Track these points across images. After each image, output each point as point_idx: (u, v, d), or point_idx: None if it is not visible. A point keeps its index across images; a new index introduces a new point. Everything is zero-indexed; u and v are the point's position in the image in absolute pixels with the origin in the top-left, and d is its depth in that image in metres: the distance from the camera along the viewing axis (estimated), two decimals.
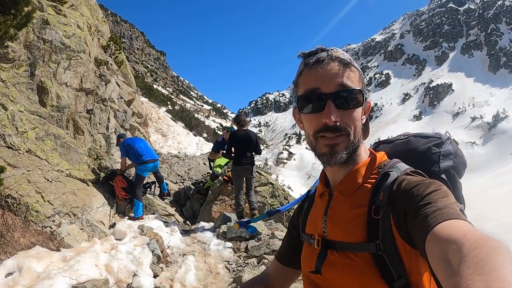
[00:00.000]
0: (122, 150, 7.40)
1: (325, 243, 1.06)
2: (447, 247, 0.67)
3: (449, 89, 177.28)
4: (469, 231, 0.68)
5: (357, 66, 1.04)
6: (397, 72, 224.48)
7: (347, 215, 1.02)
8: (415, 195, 0.87)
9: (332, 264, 1.02)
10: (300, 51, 1.07)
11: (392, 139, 1.32)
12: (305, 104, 1.02)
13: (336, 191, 1.08)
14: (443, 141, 1.20)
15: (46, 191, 4.93)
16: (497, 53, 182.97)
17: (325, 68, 0.98)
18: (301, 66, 1.06)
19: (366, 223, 0.97)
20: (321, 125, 0.98)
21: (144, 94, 37.80)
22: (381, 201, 0.95)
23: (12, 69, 5.75)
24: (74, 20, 7.50)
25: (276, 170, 49.43)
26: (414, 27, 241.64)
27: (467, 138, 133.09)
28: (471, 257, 0.59)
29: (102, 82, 8.68)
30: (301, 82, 1.05)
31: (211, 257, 5.65)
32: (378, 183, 1.01)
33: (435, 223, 0.75)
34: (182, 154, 18.98)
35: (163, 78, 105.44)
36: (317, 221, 1.14)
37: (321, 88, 0.98)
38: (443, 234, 0.71)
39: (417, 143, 1.23)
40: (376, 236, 0.93)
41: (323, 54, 1.00)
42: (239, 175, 7.03)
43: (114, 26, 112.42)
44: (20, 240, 4.04)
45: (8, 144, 4.94)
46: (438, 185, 0.88)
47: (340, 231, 1.03)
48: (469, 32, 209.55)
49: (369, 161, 1.08)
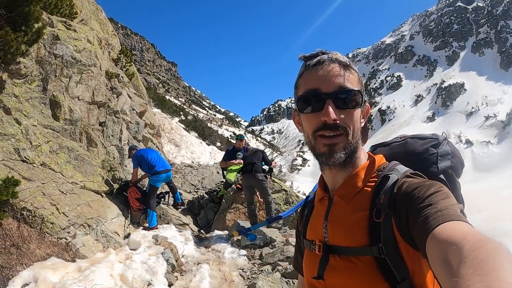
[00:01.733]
0: (134, 161, 7.45)
1: (326, 248, 1.06)
2: (447, 248, 0.67)
3: (461, 89, 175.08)
4: (469, 232, 0.69)
5: (356, 69, 1.05)
6: (408, 74, 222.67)
7: (348, 219, 1.02)
8: (416, 197, 0.87)
9: (335, 269, 1.02)
10: (301, 54, 1.09)
11: (389, 142, 1.33)
12: (304, 104, 1.03)
13: (336, 196, 1.08)
14: (440, 141, 1.20)
15: (60, 203, 4.99)
16: (508, 50, 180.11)
17: (325, 69, 1.00)
18: (301, 68, 1.08)
19: (368, 227, 0.97)
20: (320, 124, 0.99)
21: (156, 105, 38.14)
22: (382, 204, 0.96)
23: (25, 84, 5.85)
24: (84, 35, 7.63)
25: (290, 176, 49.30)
26: (424, 27, 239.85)
27: (482, 137, 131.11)
28: (471, 258, 0.60)
29: (114, 95, 8.78)
30: (301, 84, 1.06)
31: (225, 265, 5.65)
32: (378, 186, 1.01)
33: (435, 224, 0.75)
34: (195, 164, 19.03)
35: (175, 89, 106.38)
36: (317, 226, 1.14)
37: (321, 88, 0.99)
38: (443, 236, 0.71)
39: (414, 145, 1.23)
40: (378, 240, 0.93)
41: (323, 56, 1.02)
42: (245, 184, 7.45)
43: (125, 39, 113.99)
44: (36, 252, 4.09)
45: (22, 158, 5.03)
46: (439, 187, 0.88)
47: (341, 235, 1.03)
48: (479, 30, 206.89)
49: (368, 164, 1.09)
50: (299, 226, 1.33)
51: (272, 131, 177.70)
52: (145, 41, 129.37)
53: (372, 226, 0.95)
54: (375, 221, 0.95)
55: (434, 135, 1.24)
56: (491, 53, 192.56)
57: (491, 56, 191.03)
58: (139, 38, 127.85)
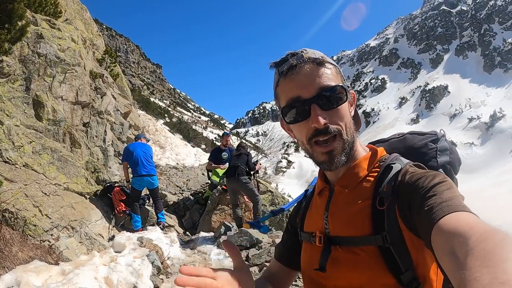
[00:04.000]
0: (123, 154, 7.34)
1: (328, 240, 1.04)
2: (454, 240, 0.66)
3: (445, 91, 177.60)
4: (475, 223, 0.68)
5: (331, 61, 1.02)
6: (392, 76, 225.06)
7: (351, 209, 1.01)
8: (420, 186, 0.87)
9: (337, 260, 1.00)
10: (270, 62, 1.06)
11: (387, 138, 1.32)
12: (290, 114, 1.00)
13: (338, 186, 1.07)
14: (438, 137, 1.21)
15: (43, 205, 4.90)
16: (491, 53, 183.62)
17: (300, 73, 0.97)
18: (275, 76, 1.05)
19: (371, 215, 0.95)
20: (312, 131, 0.97)
21: (141, 107, 37.92)
22: (385, 193, 0.95)
23: (7, 83, 5.75)
24: (68, 34, 7.52)
25: (275, 178, 49.42)
26: (408, 31, 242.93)
27: (465, 139, 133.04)
28: (478, 249, 0.59)
29: (98, 95, 8.69)
30: (280, 93, 1.03)
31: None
32: (381, 176, 1.00)
33: (440, 215, 0.74)
34: (180, 165, 18.96)
35: (159, 91, 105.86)
36: (317, 218, 1.12)
37: (301, 95, 0.96)
38: (449, 227, 0.70)
39: (413, 140, 1.23)
40: (382, 228, 0.92)
41: (293, 60, 0.99)
42: (229, 188, 7.45)
43: (110, 40, 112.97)
44: (18, 255, 4.01)
45: (4, 159, 4.93)
46: (443, 177, 0.87)
47: (343, 225, 1.01)
48: (463, 33, 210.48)
49: (371, 155, 1.08)
50: (295, 219, 1.30)
51: (257, 133, 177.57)
52: (130, 42, 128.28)
53: (376, 214, 0.94)
54: (378, 209, 0.94)
55: (433, 132, 1.25)
56: (474, 56, 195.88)
57: (474, 59, 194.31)
58: (124, 39, 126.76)
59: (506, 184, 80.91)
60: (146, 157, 7.37)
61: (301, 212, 1.25)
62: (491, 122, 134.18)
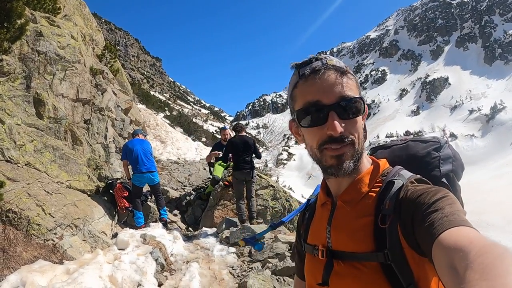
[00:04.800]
0: (123, 152, 7.32)
1: (330, 254, 1.04)
2: (454, 254, 0.67)
3: (445, 83, 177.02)
4: (475, 238, 0.69)
5: (352, 72, 1.01)
6: (393, 68, 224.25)
7: (353, 225, 1.01)
8: (421, 203, 0.86)
9: (339, 275, 1.00)
10: (293, 62, 1.05)
11: (390, 144, 1.31)
12: (305, 117, 0.99)
13: (340, 201, 1.06)
14: (441, 145, 1.20)
15: (46, 204, 4.91)
16: (492, 45, 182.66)
17: (322, 78, 0.96)
18: (294, 77, 1.04)
19: (373, 233, 0.95)
20: (326, 137, 0.96)
21: (141, 101, 37.88)
22: (387, 210, 0.94)
23: (8, 82, 5.73)
24: (67, 31, 7.49)
25: (276, 171, 49.49)
26: (408, 22, 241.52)
27: (466, 131, 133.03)
28: (477, 263, 0.60)
29: (99, 92, 8.67)
30: (298, 95, 1.02)
31: (215, 263, 5.63)
32: (383, 192, 1.00)
33: (441, 230, 0.75)
34: (181, 160, 18.90)
35: (159, 84, 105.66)
36: (320, 231, 1.12)
37: (321, 100, 0.95)
38: (449, 241, 0.71)
39: (416, 148, 1.22)
40: (384, 246, 0.92)
41: (317, 64, 0.98)
42: (239, 179, 7.07)
43: (109, 34, 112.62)
44: (23, 255, 4.02)
45: (6, 158, 4.93)
46: (445, 193, 0.87)
47: (346, 241, 1.01)
48: (463, 25, 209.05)
49: (373, 169, 1.07)
50: (300, 229, 1.31)
51: (257, 126, 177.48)
52: (129, 36, 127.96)
53: (378, 232, 0.94)
54: (381, 227, 0.94)
55: (435, 138, 1.24)
56: (475, 48, 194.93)
57: (475, 50, 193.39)
58: (123, 33, 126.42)
59: (506, 177, 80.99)
60: (145, 154, 7.33)
61: (305, 223, 1.25)
62: (491, 114, 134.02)
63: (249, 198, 7.16)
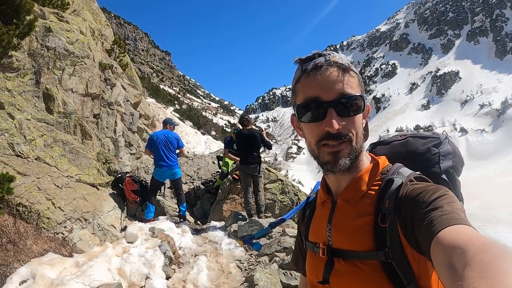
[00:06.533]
0: (148, 142, 7.31)
1: (331, 252, 1.05)
2: (452, 252, 0.67)
3: (456, 77, 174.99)
4: (473, 236, 0.69)
5: (355, 70, 1.02)
6: (403, 61, 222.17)
7: (353, 224, 1.01)
8: (421, 201, 0.87)
9: (340, 273, 1.01)
10: (296, 57, 1.05)
11: (389, 140, 1.31)
12: (305, 112, 1.00)
13: (340, 200, 1.07)
14: (441, 141, 1.20)
15: (56, 198, 4.96)
16: (503, 38, 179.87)
17: (324, 75, 0.96)
18: (297, 72, 1.04)
19: (373, 232, 0.96)
20: (324, 133, 0.96)
21: (150, 94, 37.99)
22: (387, 209, 0.95)
23: (18, 78, 5.79)
24: (76, 26, 7.54)
25: (285, 165, 49.51)
26: (419, 15, 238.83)
27: (476, 125, 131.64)
28: (475, 261, 0.60)
29: (108, 86, 8.71)
30: (299, 90, 1.03)
31: (222, 257, 5.67)
32: (383, 190, 1.00)
33: (440, 228, 0.75)
34: (191, 154, 18.99)
35: (169, 78, 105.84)
36: (320, 229, 1.13)
37: (321, 96, 0.96)
38: (448, 239, 0.71)
39: (416, 144, 1.22)
40: (384, 244, 0.93)
41: (320, 60, 0.98)
42: (246, 173, 7.08)
43: (118, 28, 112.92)
44: (33, 248, 4.08)
45: (17, 153, 4.98)
46: (444, 191, 0.87)
47: (346, 239, 1.02)
48: (474, 18, 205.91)
49: (372, 167, 1.07)
50: (300, 227, 1.32)
51: (267, 119, 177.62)
52: (139, 30, 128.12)
53: (378, 231, 0.95)
54: (381, 226, 0.94)
55: (435, 134, 1.24)
56: (486, 42, 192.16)
57: (486, 44, 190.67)
58: (132, 27, 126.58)
59: None
60: (168, 147, 7.21)
61: (306, 221, 1.26)
62: (502, 109, 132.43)
63: (256, 192, 7.16)
